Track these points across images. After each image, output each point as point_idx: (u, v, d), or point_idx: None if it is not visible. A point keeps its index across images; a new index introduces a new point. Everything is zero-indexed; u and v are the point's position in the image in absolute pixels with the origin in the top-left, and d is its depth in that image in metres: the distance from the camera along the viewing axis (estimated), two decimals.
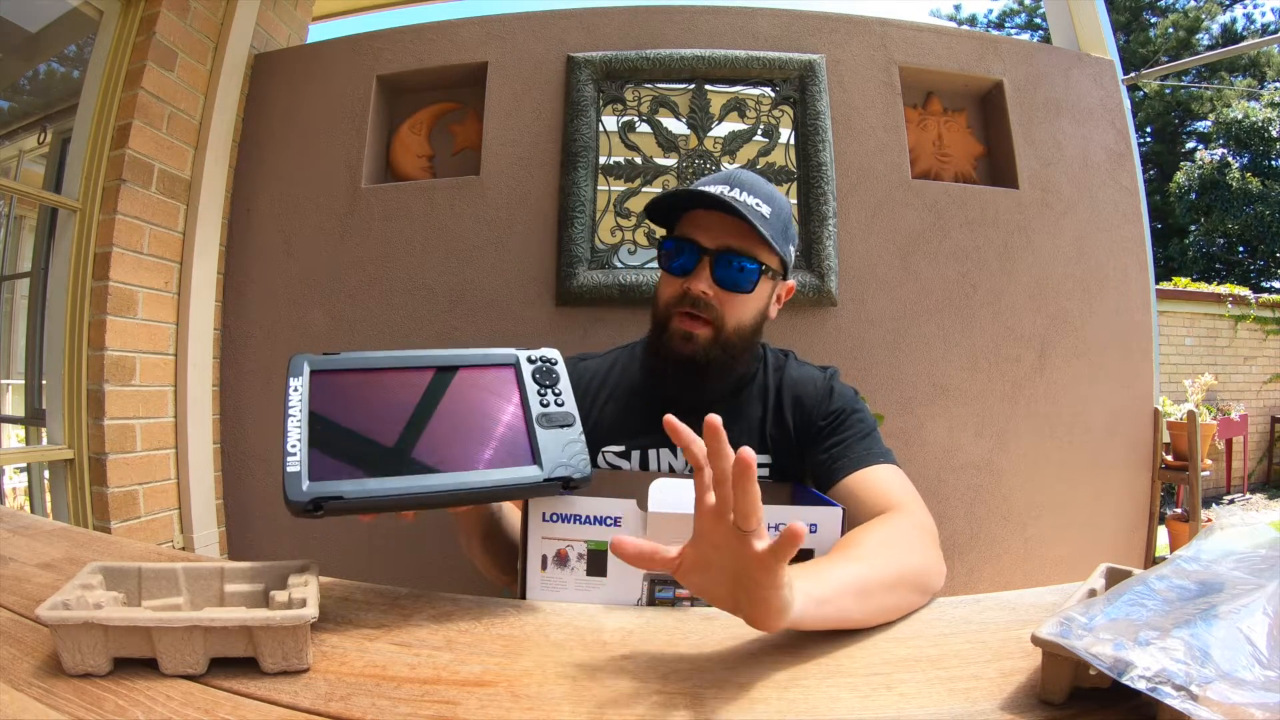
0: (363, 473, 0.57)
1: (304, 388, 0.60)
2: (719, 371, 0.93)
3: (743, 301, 0.92)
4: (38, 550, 0.73)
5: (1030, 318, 1.98)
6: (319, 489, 0.54)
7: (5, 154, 2.08)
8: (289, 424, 0.57)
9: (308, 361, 0.62)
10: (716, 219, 0.91)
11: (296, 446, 0.56)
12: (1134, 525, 2.05)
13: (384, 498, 0.56)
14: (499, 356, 0.68)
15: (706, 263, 0.90)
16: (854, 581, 0.58)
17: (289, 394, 0.59)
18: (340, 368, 0.63)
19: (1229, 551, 0.50)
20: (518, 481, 0.60)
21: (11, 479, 2.19)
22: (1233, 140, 11.36)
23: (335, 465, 0.56)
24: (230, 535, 2.03)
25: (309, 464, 0.55)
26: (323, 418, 0.59)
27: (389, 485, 0.56)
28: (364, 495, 0.55)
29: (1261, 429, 6.38)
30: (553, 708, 0.45)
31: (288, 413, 0.58)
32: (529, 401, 0.65)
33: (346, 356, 0.63)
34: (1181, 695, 0.35)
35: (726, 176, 0.94)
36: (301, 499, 0.54)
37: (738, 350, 0.94)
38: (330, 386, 0.61)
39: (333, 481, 0.55)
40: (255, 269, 2.07)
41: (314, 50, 2.20)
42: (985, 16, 16.42)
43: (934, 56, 2.06)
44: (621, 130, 2.00)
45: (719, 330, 0.91)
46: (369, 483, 0.56)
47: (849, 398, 0.96)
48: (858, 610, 0.57)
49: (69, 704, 0.42)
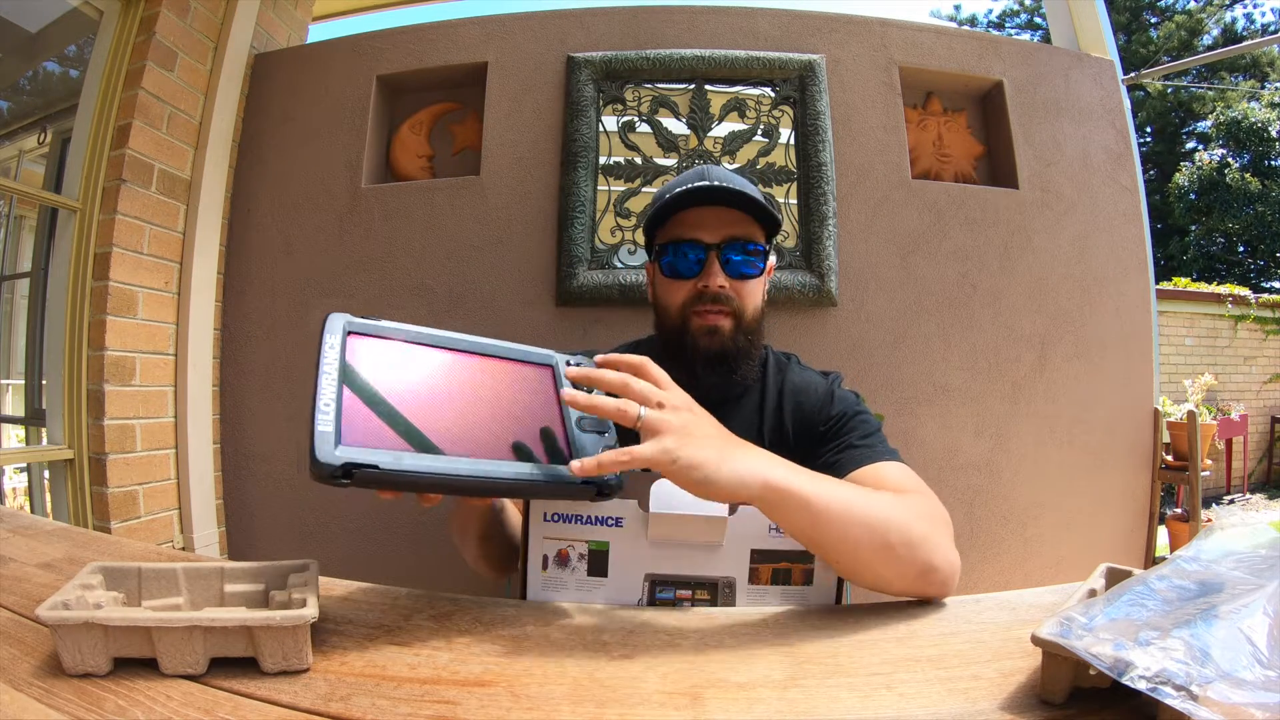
0: (398, 446, 0.52)
1: (339, 345, 0.55)
2: (745, 358, 0.94)
3: (753, 286, 0.94)
4: (38, 550, 0.73)
5: (1030, 318, 1.98)
6: (352, 454, 0.49)
7: (5, 154, 2.08)
8: (322, 380, 0.52)
9: (345, 322, 0.57)
10: (710, 213, 0.91)
11: (330, 406, 0.51)
12: (1134, 525, 2.05)
13: (418, 476, 0.52)
14: (538, 355, 0.65)
15: (714, 258, 0.90)
16: (839, 499, 0.61)
17: (323, 349, 0.54)
18: (377, 334, 0.58)
19: (1229, 551, 0.50)
20: (553, 479, 0.57)
21: (11, 479, 2.19)
22: (1233, 140, 11.36)
23: (368, 433, 0.52)
24: (230, 535, 2.03)
25: (340, 426, 0.50)
26: (358, 381, 0.54)
27: (424, 464, 0.52)
28: (399, 470, 0.51)
29: (1261, 429, 6.38)
30: (553, 708, 0.45)
31: (321, 369, 0.53)
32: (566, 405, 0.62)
33: (385, 324, 0.59)
34: (1182, 695, 0.35)
35: (699, 173, 0.94)
36: (332, 462, 0.48)
37: (755, 334, 0.95)
38: (366, 351, 0.56)
39: (367, 449, 0.50)
40: (255, 269, 2.07)
41: (314, 50, 2.20)
42: (985, 16, 16.44)
43: (934, 56, 2.06)
44: (621, 130, 2.00)
45: (739, 319, 0.92)
46: (405, 458, 0.52)
47: (850, 402, 0.95)
48: (826, 525, 0.60)
49: (69, 704, 0.42)
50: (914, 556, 0.63)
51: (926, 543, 0.65)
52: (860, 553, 0.62)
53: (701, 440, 0.58)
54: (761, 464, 0.59)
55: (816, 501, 0.60)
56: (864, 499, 0.64)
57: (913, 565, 0.63)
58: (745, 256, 0.91)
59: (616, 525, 0.67)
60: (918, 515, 0.68)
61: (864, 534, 0.62)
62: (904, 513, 0.66)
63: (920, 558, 0.64)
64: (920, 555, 0.64)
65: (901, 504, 0.68)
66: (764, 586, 0.68)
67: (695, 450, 0.56)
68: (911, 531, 0.64)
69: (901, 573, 0.63)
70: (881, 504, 0.65)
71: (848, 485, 0.67)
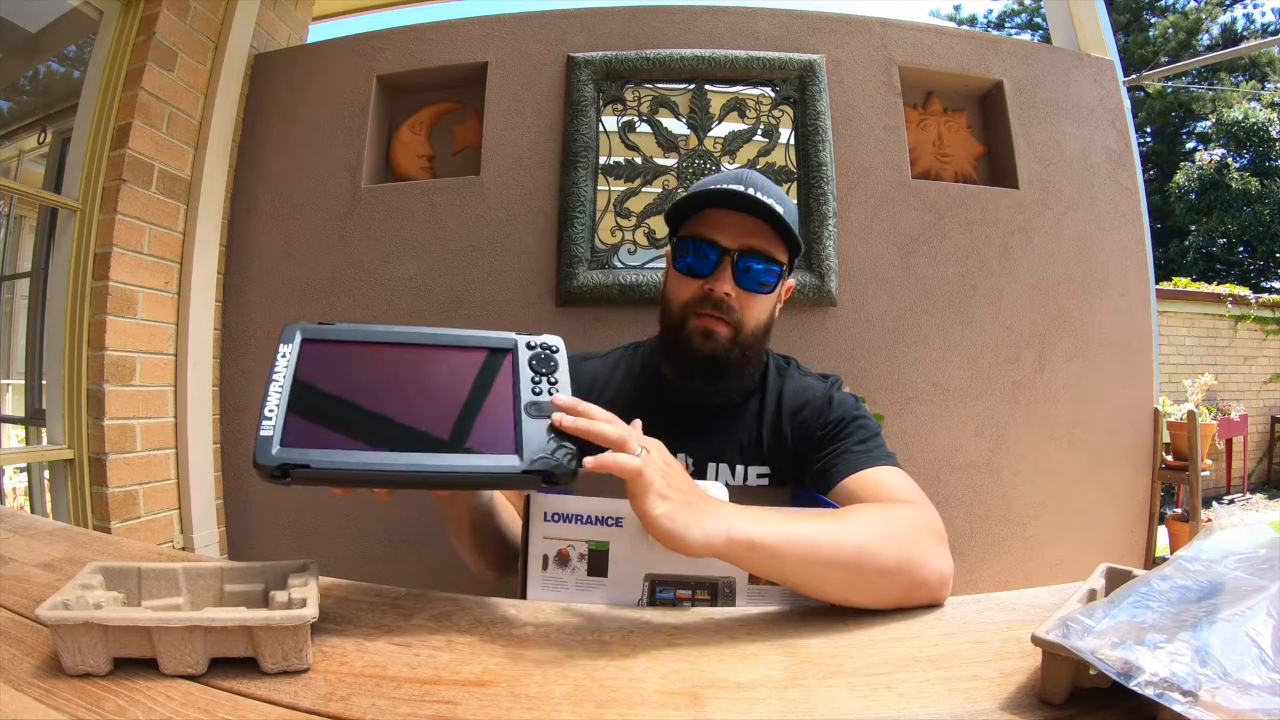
0: (337, 444, 0.55)
1: (293, 354, 0.59)
2: (736, 371, 0.93)
3: (762, 303, 0.92)
4: (38, 550, 0.73)
5: (1030, 318, 1.98)
6: (288, 455, 0.53)
7: (5, 154, 2.08)
8: (271, 388, 0.57)
9: (300, 330, 0.61)
10: (736, 219, 0.89)
11: (274, 411, 0.55)
12: (1134, 525, 2.05)
13: (352, 471, 0.54)
14: (496, 340, 0.66)
15: (728, 263, 0.88)
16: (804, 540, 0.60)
17: (276, 359, 0.58)
18: (333, 338, 0.61)
19: (1229, 551, 0.50)
20: (493, 469, 0.57)
21: (11, 479, 2.19)
22: (1233, 140, 11.36)
23: (310, 434, 0.55)
24: (230, 535, 2.03)
25: (283, 429, 0.55)
26: (307, 386, 0.58)
27: (360, 459, 0.55)
28: (331, 466, 0.54)
29: (1261, 429, 6.37)
30: (553, 708, 0.45)
31: (272, 377, 0.57)
32: (520, 388, 0.63)
33: (341, 327, 0.62)
34: (1189, 701, 0.35)
35: (738, 176, 0.92)
36: (269, 463, 0.53)
37: (753, 351, 0.93)
38: (320, 355, 0.60)
39: (303, 450, 0.54)
40: (255, 269, 2.07)
41: (314, 50, 2.20)
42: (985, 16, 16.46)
43: (934, 56, 2.06)
44: (621, 130, 2.00)
45: (738, 331, 0.90)
46: (338, 455, 0.54)
47: (849, 406, 0.95)
48: (795, 569, 0.60)
49: (69, 704, 0.42)
50: (893, 581, 0.62)
51: (905, 564, 0.63)
52: (833, 588, 0.62)
53: (677, 500, 0.59)
54: (724, 521, 0.59)
55: (783, 548, 0.60)
56: (833, 533, 0.62)
57: (893, 587, 0.63)
58: (759, 270, 0.89)
59: (616, 525, 0.67)
60: (895, 536, 0.65)
61: (834, 572, 0.61)
62: (877, 539, 0.63)
63: (901, 580, 0.63)
64: (901, 578, 0.63)
65: (878, 527, 0.66)
66: (764, 586, 0.68)
67: (672, 508, 0.58)
68: (884, 557, 0.62)
69: (881, 596, 0.62)
70: (854, 533, 0.63)
71: (816, 518, 0.65)
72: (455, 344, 0.64)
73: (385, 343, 0.62)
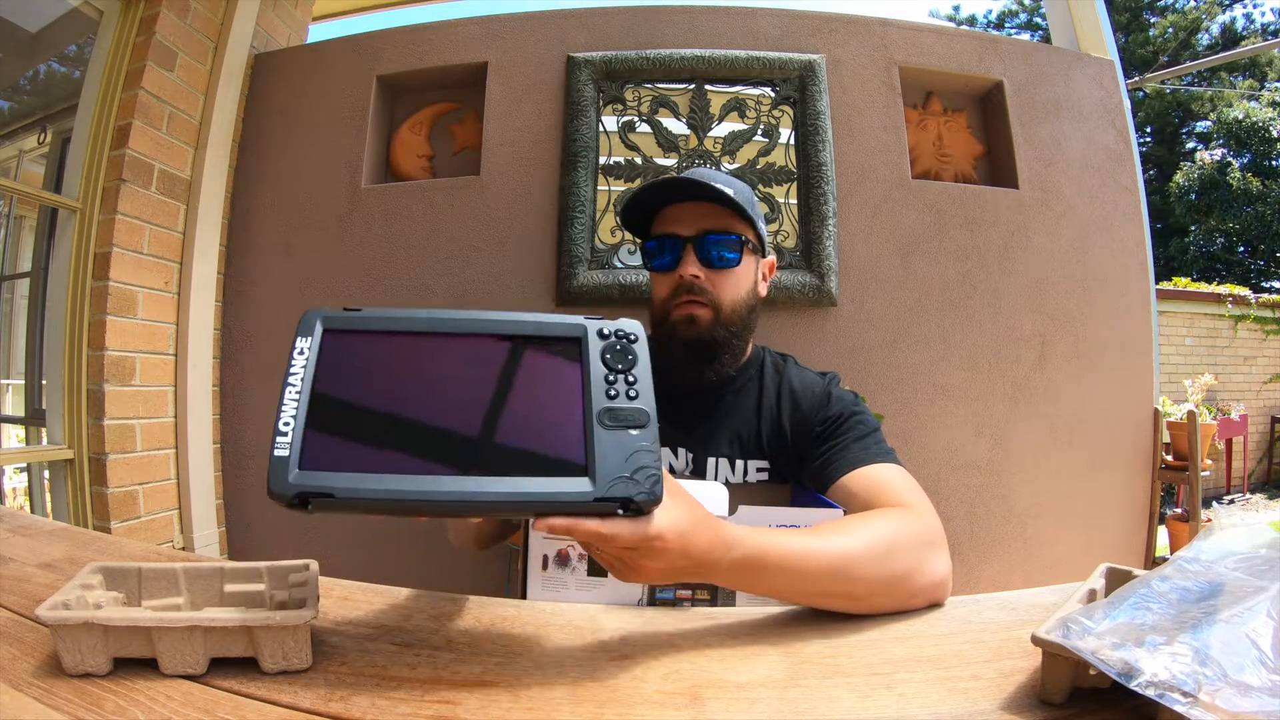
0: (366, 465, 0.46)
1: (312, 351, 0.49)
2: (727, 351, 0.96)
3: (733, 278, 0.96)
4: (38, 550, 0.73)
5: (1030, 318, 1.98)
6: (308, 480, 0.44)
7: (5, 154, 2.08)
8: (286, 394, 0.46)
9: (322, 319, 0.50)
10: (689, 209, 0.96)
11: (289, 425, 0.46)
12: (1134, 525, 2.05)
13: (383, 500, 0.45)
14: (561, 326, 0.52)
15: (690, 249, 0.95)
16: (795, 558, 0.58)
17: (293, 357, 0.48)
18: (361, 328, 0.50)
19: (1229, 552, 0.50)
20: (558, 496, 0.46)
21: (11, 479, 2.19)
22: (1233, 140, 11.35)
23: (335, 452, 0.46)
24: (230, 535, 2.03)
25: (302, 448, 0.45)
26: (331, 390, 0.48)
27: (392, 485, 0.45)
28: (358, 495, 0.44)
29: (1261, 429, 6.37)
30: (553, 708, 0.45)
31: (287, 380, 0.47)
32: (591, 390, 0.50)
33: (371, 314, 0.51)
34: (1189, 702, 0.35)
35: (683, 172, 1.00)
36: (285, 491, 0.44)
37: (739, 328, 0.97)
38: (345, 350, 0.49)
39: (326, 473, 0.45)
40: (255, 269, 2.07)
41: (314, 50, 2.20)
42: (985, 16, 16.46)
43: (934, 56, 2.06)
44: (621, 130, 2.00)
45: (718, 310, 0.95)
46: (367, 479, 0.45)
47: (848, 402, 0.95)
48: (789, 587, 0.60)
49: (69, 704, 0.42)
50: (890, 596, 0.62)
51: (895, 578, 0.62)
52: (825, 605, 0.61)
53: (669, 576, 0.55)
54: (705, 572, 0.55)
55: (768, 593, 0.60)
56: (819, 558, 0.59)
57: (889, 600, 0.62)
58: (719, 247, 0.94)
59: None
60: (884, 552, 0.62)
61: (824, 599, 0.61)
62: (862, 559, 0.61)
63: (897, 594, 0.62)
64: (896, 594, 0.62)
65: (865, 541, 0.63)
66: None
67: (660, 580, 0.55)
68: (871, 575, 0.61)
69: (877, 606, 0.61)
70: (837, 554, 0.60)
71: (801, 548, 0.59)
72: (511, 332, 0.52)
73: (423, 332, 0.51)
